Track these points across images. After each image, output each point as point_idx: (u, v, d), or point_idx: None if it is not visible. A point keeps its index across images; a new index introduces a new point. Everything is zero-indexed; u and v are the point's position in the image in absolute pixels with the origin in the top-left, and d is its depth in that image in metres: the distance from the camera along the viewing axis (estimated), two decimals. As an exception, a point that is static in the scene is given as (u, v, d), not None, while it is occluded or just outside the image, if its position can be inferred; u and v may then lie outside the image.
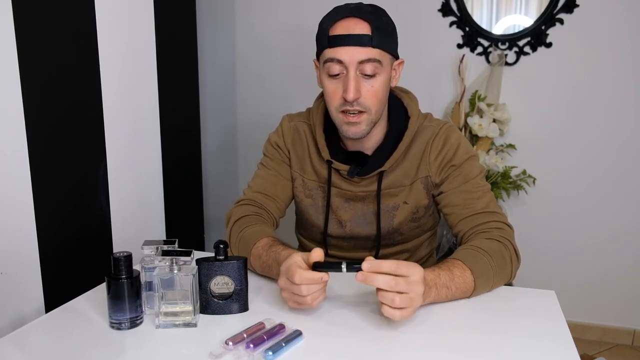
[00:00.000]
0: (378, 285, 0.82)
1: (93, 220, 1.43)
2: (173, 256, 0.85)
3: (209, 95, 2.46)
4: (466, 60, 2.06)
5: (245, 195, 1.22)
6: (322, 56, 1.06)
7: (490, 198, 1.11)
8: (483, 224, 1.07)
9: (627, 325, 2.17)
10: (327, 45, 1.03)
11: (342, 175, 1.16)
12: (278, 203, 1.22)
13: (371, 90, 1.04)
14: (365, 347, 0.81)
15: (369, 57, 1.01)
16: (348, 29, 1.01)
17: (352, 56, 1.01)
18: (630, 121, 2.01)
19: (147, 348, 0.82)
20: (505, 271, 1.01)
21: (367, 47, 1.01)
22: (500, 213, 1.10)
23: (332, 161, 1.15)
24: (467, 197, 1.10)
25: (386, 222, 1.17)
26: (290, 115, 1.28)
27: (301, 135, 1.22)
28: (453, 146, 1.12)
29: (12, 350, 0.80)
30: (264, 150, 1.27)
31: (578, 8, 1.96)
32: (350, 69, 1.02)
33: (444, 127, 1.15)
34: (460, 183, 1.11)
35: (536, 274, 2.17)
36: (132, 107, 1.55)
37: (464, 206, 1.10)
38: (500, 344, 0.82)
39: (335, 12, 1.05)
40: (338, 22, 1.03)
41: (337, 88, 1.05)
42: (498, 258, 1.00)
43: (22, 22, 1.16)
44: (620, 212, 2.09)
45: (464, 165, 1.11)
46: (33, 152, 1.22)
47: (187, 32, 1.81)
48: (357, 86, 1.02)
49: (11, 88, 1.16)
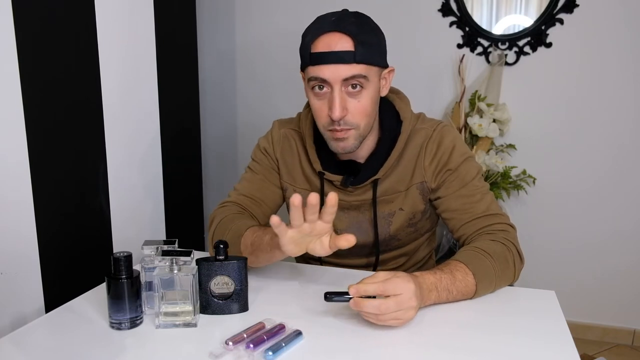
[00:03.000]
0: (368, 311, 0.83)
1: (93, 220, 1.43)
2: (173, 256, 0.85)
3: (209, 95, 2.46)
4: (466, 60, 2.06)
5: (230, 198, 1.19)
6: (305, 72, 1.03)
7: (491, 199, 1.09)
8: (486, 227, 1.06)
9: (627, 325, 2.17)
10: (310, 63, 1.00)
11: (336, 185, 1.13)
12: (263, 208, 1.19)
13: (358, 106, 1.01)
14: (365, 347, 0.81)
15: (353, 74, 0.98)
16: (330, 45, 0.97)
17: (335, 74, 0.97)
18: (630, 121, 2.01)
19: (147, 348, 0.81)
20: (507, 274, 1.01)
21: (350, 64, 0.97)
22: (502, 214, 1.08)
23: (325, 173, 1.13)
24: (466, 201, 1.08)
25: (383, 230, 1.14)
26: (281, 121, 1.24)
27: (291, 143, 1.19)
28: (448, 149, 1.09)
29: (12, 350, 0.80)
30: (253, 155, 1.24)
31: (578, 8, 1.97)
32: (334, 87, 0.98)
33: (438, 129, 1.11)
34: (458, 187, 1.08)
35: (536, 274, 2.17)
36: (132, 107, 1.55)
37: (464, 211, 1.07)
38: (500, 344, 0.82)
39: (317, 26, 1.01)
40: (319, 38, 0.98)
41: (323, 105, 1.02)
42: (501, 261, 0.99)
43: (22, 22, 1.16)
44: (620, 212, 2.09)
45: (460, 168, 1.09)
46: (33, 152, 1.22)
47: (187, 33, 1.81)
48: (343, 104, 0.99)
49: (11, 88, 1.16)
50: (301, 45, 1.03)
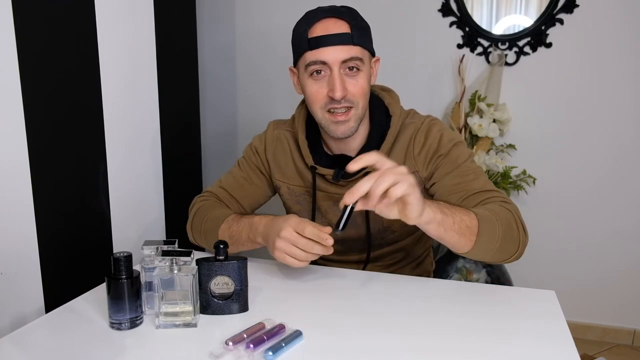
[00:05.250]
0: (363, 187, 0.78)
1: (93, 220, 1.43)
2: (173, 256, 0.85)
3: (209, 95, 2.46)
4: (466, 60, 2.06)
5: (212, 188, 1.25)
6: (302, 60, 1.06)
7: (486, 179, 1.08)
8: (484, 200, 1.03)
9: (627, 325, 2.17)
10: (308, 48, 1.03)
11: (328, 179, 1.15)
12: (241, 206, 1.23)
13: (357, 85, 1.04)
14: (365, 347, 0.81)
15: (352, 56, 1.02)
16: (328, 29, 1.02)
17: (335, 55, 1.01)
18: (630, 121, 2.01)
19: (147, 348, 0.82)
20: (512, 234, 0.97)
21: (348, 45, 1.01)
22: (500, 191, 1.06)
23: (316, 167, 1.14)
24: (460, 180, 1.06)
25: (376, 222, 1.15)
26: (277, 122, 1.27)
27: (283, 143, 1.21)
28: (436, 137, 1.10)
29: (12, 350, 0.80)
30: (244, 152, 1.27)
31: (578, 8, 1.97)
32: (334, 68, 1.02)
33: (426, 122, 1.13)
34: (451, 169, 1.08)
35: (536, 274, 2.17)
36: (132, 107, 1.55)
37: (459, 189, 1.05)
38: (500, 344, 0.82)
39: (310, 15, 1.05)
40: (316, 24, 1.03)
41: (321, 88, 1.05)
42: (504, 219, 0.96)
43: (22, 22, 1.16)
44: (620, 212, 2.09)
45: (451, 152, 1.09)
46: (33, 152, 1.22)
47: (187, 32, 1.81)
48: (343, 84, 1.03)
49: (11, 88, 1.16)
50: (294, 36, 1.07)
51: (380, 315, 0.91)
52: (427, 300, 0.98)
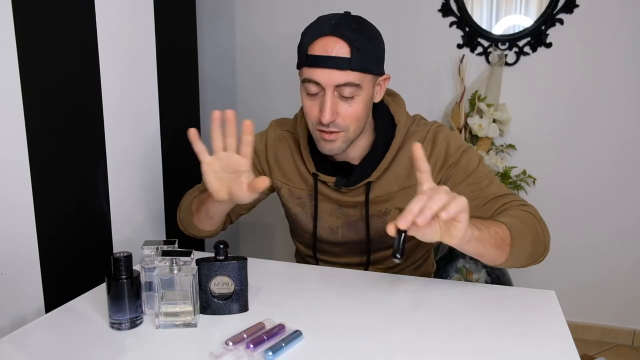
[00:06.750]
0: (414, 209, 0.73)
1: (93, 221, 1.43)
2: (173, 256, 0.85)
3: (209, 95, 2.46)
4: (466, 60, 2.06)
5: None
6: (301, 72, 1.04)
7: (499, 182, 1.08)
8: (503, 205, 1.02)
9: (627, 325, 2.17)
10: (305, 64, 1.01)
11: (329, 186, 1.14)
12: None
13: (349, 111, 1.01)
14: (365, 348, 0.81)
15: (347, 81, 0.98)
16: (326, 49, 0.97)
17: (329, 79, 0.98)
18: (630, 121, 2.01)
19: (147, 348, 0.82)
20: (539, 238, 0.97)
21: (345, 70, 0.97)
22: (513, 193, 1.06)
23: (318, 174, 1.13)
24: (475, 187, 1.06)
25: (377, 226, 1.14)
26: (279, 121, 1.25)
27: (285, 145, 1.20)
28: (442, 146, 1.09)
29: (12, 350, 0.80)
30: None
31: (578, 8, 1.97)
32: (327, 90, 0.99)
33: (431, 130, 1.11)
34: (464, 177, 1.07)
35: (536, 274, 2.16)
36: (132, 107, 1.55)
37: (476, 196, 1.05)
38: (500, 344, 0.82)
39: (316, 26, 1.01)
40: (317, 41, 0.99)
41: (315, 105, 1.02)
42: (529, 224, 0.96)
43: (22, 22, 1.16)
44: (620, 212, 2.09)
45: (461, 159, 1.08)
46: (33, 152, 1.22)
47: (187, 32, 1.81)
48: (334, 108, 1.00)
49: (11, 87, 1.16)
50: (299, 44, 1.04)
51: (381, 315, 0.91)
52: (427, 300, 0.98)
